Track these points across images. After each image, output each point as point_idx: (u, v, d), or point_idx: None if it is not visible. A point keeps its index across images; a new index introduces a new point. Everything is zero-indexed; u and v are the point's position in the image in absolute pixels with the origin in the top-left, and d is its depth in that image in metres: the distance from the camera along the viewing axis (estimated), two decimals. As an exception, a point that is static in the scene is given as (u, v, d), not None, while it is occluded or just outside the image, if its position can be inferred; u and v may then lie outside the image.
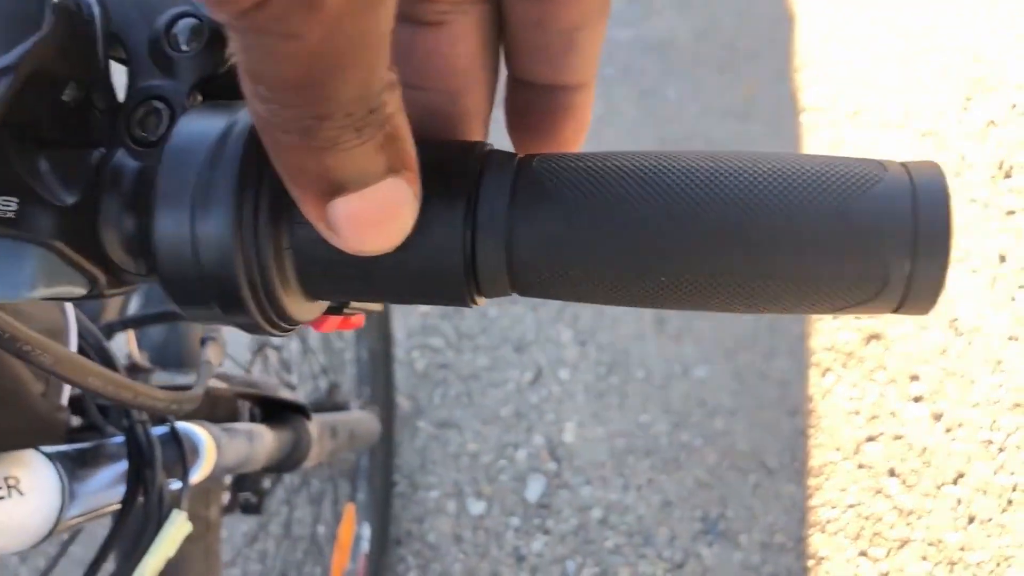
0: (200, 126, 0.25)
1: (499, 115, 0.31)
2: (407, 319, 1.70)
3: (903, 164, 0.26)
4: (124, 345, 0.70)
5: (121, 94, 0.28)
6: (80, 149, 0.27)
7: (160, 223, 0.25)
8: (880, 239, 0.24)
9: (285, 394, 0.76)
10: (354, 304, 0.32)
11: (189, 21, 0.28)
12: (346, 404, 1.02)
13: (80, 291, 0.26)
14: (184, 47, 0.28)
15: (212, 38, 0.28)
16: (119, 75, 0.28)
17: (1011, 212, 1.69)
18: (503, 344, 1.66)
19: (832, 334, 1.63)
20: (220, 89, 0.28)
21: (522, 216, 0.26)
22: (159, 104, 0.27)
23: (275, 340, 1.12)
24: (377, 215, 0.24)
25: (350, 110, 0.21)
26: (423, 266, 0.26)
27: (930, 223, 0.24)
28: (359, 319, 0.34)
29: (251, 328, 0.26)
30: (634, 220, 0.25)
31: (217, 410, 0.71)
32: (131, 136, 0.27)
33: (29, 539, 0.51)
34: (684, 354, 1.64)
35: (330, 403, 1.01)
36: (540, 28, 0.27)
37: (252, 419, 0.76)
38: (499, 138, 0.29)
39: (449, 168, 0.27)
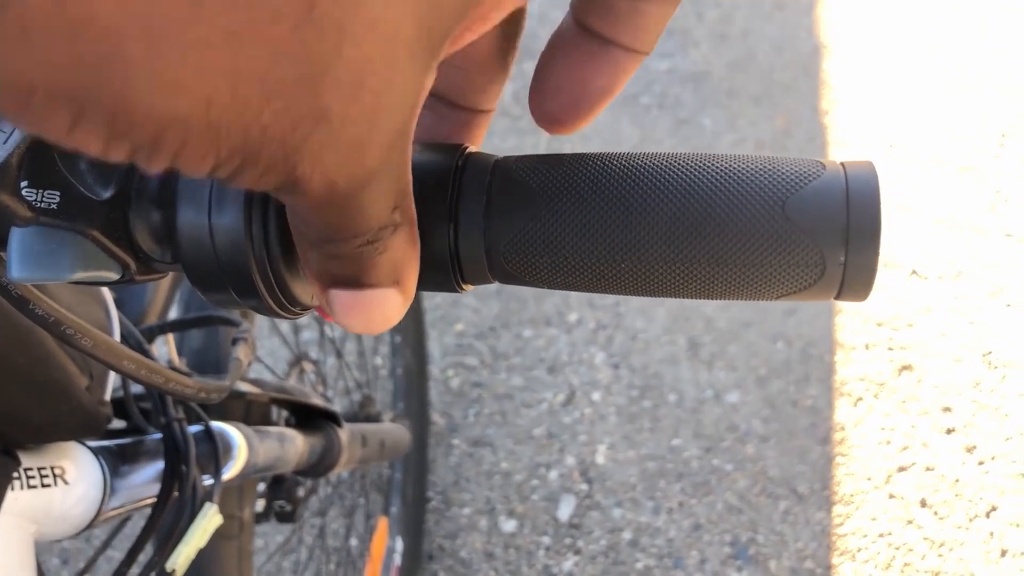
0: None
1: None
2: (443, 338, 1.73)
3: (841, 163, 0.29)
4: (164, 351, 0.73)
5: None
6: None
7: (182, 216, 0.28)
8: (816, 230, 0.27)
9: (317, 401, 0.79)
10: None
11: None
12: (378, 416, 1.05)
13: (114, 275, 0.30)
14: None
15: None
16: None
17: (1048, 245, 1.69)
18: (537, 365, 1.69)
19: (865, 364, 1.63)
20: None
21: (496, 212, 0.30)
22: None
23: (312, 354, 1.15)
24: (366, 313, 0.27)
25: (354, 235, 0.25)
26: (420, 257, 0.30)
27: (861, 216, 0.27)
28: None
29: (264, 310, 0.30)
30: (595, 214, 0.29)
31: (251, 414, 0.74)
32: None
33: (71, 528, 0.54)
34: (716, 379, 1.65)
35: (363, 415, 1.04)
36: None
37: (285, 424, 0.79)
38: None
39: (435, 169, 0.30)
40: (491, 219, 0.29)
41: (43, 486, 0.50)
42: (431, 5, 0.21)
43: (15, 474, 0.47)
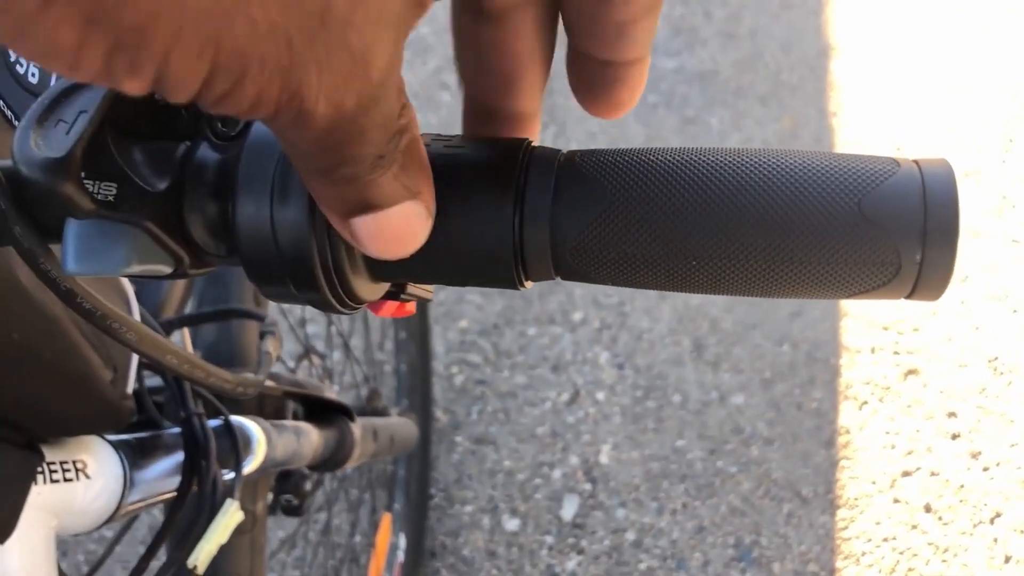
0: None
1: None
2: (447, 334, 1.72)
3: (915, 161, 0.28)
4: (180, 343, 0.72)
5: None
6: (168, 142, 0.29)
7: (242, 208, 0.28)
8: (893, 228, 0.27)
9: (330, 395, 0.78)
10: (410, 290, 0.35)
11: None
12: (385, 410, 1.05)
13: (167, 269, 0.29)
14: None
15: None
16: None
17: (1055, 251, 1.68)
18: (541, 363, 1.68)
19: (870, 368, 1.63)
20: None
21: (564, 206, 0.29)
22: None
23: (319, 347, 1.14)
24: (392, 233, 0.26)
25: (363, 158, 0.24)
26: (477, 251, 0.29)
27: (939, 214, 0.27)
28: (412, 307, 0.37)
29: (320, 304, 0.29)
30: (665, 209, 0.28)
31: (265, 407, 0.73)
32: (212, 131, 0.29)
33: (92, 522, 0.53)
34: (721, 381, 1.64)
35: (370, 408, 1.04)
36: (595, 21, 0.29)
37: (297, 418, 0.78)
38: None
39: (500, 162, 0.29)
40: (559, 214, 0.29)
41: (65, 480, 0.49)
42: None
43: (39, 468, 0.46)
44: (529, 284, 0.31)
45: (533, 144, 0.31)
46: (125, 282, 0.52)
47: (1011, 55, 1.99)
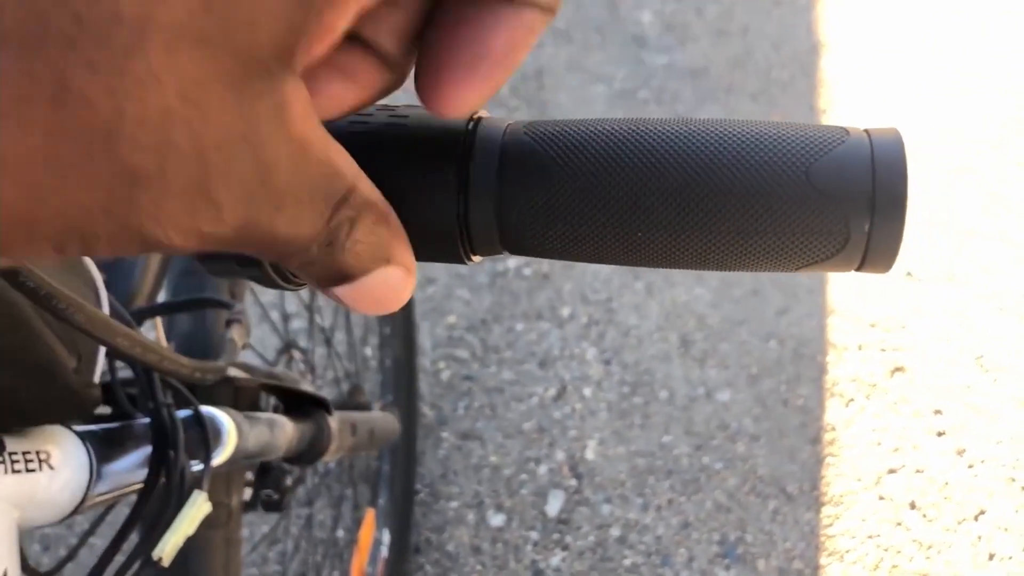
0: None
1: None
2: (434, 329, 1.72)
3: (865, 130, 0.28)
4: (152, 333, 0.72)
5: None
6: None
7: None
8: (841, 197, 0.26)
9: (307, 387, 0.78)
10: None
11: None
12: (367, 405, 1.04)
13: None
14: None
15: None
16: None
17: (1043, 249, 1.69)
18: (528, 359, 1.68)
19: (857, 365, 1.63)
20: None
21: (509, 179, 0.28)
22: None
23: (301, 342, 1.14)
24: (372, 298, 0.26)
25: (303, 249, 0.24)
26: (422, 225, 0.29)
27: (888, 183, 0.26)
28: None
29: (262, 280, 0.29)
30: (610, 179, 0.27)
31: (240, 400, 0.73)
32: None
33: (57, 514, 0.53)
34: (708, 377, 1.64)
35: (352, 403, 1.03)
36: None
37: (274, 411, 0.78)
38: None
39: (444, 134, 0.29)
40: (504, 186, 0.28)
41: (28, 471, 0.48)
42: (234, 40, 0.19)
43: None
44: (477, 259, 0.31)
45: (480, 114, 0.30)
46: (94, 270, 0.52)
47: (1006, 56, 1.99)
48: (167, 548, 0.53)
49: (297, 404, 0.80)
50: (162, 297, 0.78)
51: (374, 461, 1.42)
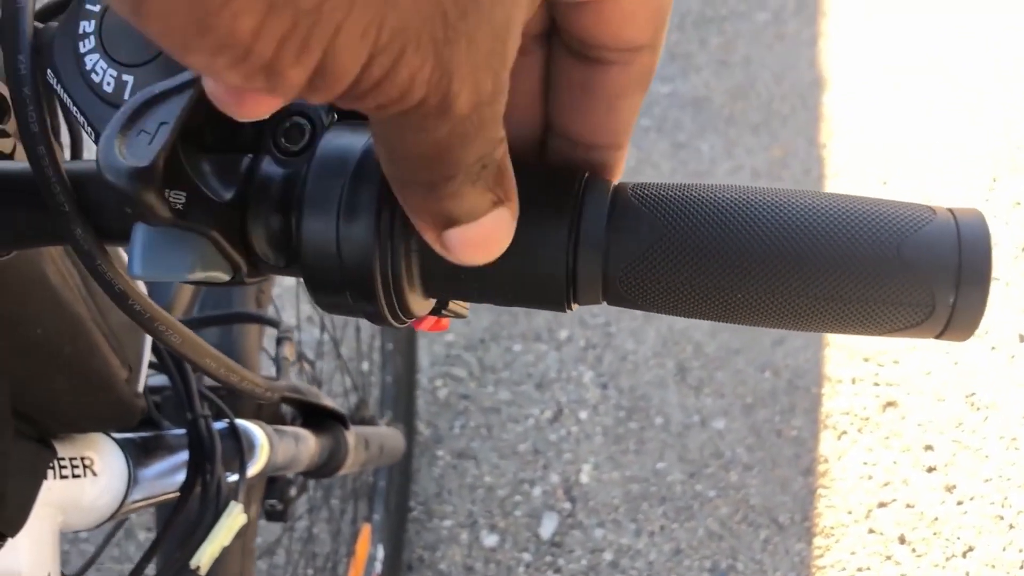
0: (343, 142, 0.30)
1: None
2: (432, 347, 1.72)
3: (949, 209, 0.30)
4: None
5: None
6: (234, 154, 0.30)
7: (308, 224, 0.29)
8: (930, 271, 0.28)
9: (327, 402, 0.79)
10: (451, 307, 0.36)
11: None
12: (373, 420, 1.05)
13: (226, 276, 0.30)
14: None
15: None
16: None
17: (1035, 291, 1.71)
18: (525, 380, 1.69)
19: (850, 398, 1.64)
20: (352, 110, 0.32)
21: (617, 233, 0.30)
22: (301, 120, 0.30)
23: (309, 355, 1.14)
24: (483, 240, 0.27)
25: (468, 171, 0.25)
26: (531, 273, 0.30)
27: (973, 260, 0.28)
28: (447, 323, 0.38)
29: (373, 317, 0.30)
30: (714, 245, 0.29)
31: (262, 412, 0.73)
32: (276, 146, 0.30)
33: (95, 519, 0.54)
34: (703, 405, 1.65)
35: (357, 418, 1.04)
36: (584, 90, 0.30)
37: (294, 423, 0.78)
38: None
39: (557, 188, 0.31)
40: (612, 242, 0.30)
41: (74, 476, 0.49)
42: None
43: (50, 464, 0.46)
44: (575, 307, 0.32)
45: (588, 174, 0.32)
46: (140, 283, 0.52)
47: (1002, 98, 2.02)
48: (204, 558, 0.53)
49: (315, 417, 0.80)
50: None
51: (369, 477, 1.42)
